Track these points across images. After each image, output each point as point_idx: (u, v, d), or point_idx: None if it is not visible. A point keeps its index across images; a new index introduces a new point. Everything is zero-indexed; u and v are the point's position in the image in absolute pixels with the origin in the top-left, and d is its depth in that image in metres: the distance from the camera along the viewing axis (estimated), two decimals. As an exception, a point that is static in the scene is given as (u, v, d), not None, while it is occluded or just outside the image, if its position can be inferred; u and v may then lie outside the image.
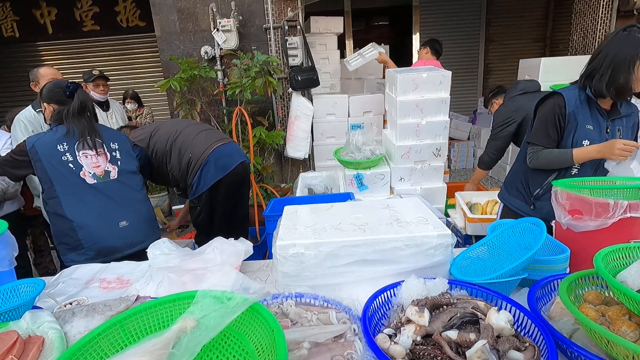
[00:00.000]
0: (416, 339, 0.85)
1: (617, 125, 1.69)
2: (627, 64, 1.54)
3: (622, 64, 1.55)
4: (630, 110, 1.71)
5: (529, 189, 1.89)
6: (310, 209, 1.44)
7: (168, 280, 1.26)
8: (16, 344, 0.87)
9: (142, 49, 5.89)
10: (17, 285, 1.19)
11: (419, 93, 2.62)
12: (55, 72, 2.61)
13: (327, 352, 0.87)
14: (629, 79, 1.55)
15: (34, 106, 2.48)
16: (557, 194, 1.27)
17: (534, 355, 0.78)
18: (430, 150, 2.71)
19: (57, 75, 2.58)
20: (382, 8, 6.97)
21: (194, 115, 3.69)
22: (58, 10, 5.61)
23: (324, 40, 4.47)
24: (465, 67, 6.92)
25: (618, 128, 1.68)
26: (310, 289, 1.13)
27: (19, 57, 5.88)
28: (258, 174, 3.86)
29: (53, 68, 2.69)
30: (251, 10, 4.01)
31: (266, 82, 3.48)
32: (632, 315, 0.83)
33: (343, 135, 3.98)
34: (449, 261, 1.18)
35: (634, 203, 1.11)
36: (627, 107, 1.71)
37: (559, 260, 1.16)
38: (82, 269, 1.57)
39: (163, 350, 0.77)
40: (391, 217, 1.29)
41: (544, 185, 1.80)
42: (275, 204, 2.39)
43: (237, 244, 1.34)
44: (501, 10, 6.69)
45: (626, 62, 1.54)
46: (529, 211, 1.88)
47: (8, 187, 2.42)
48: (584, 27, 4.39)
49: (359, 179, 2.71)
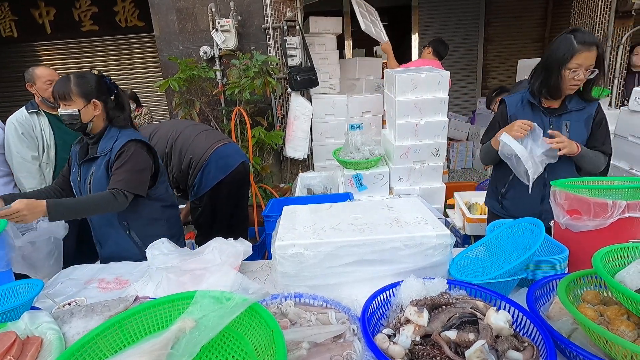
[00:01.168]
0: (415, 339, 0.85)
1: (565, 121, 1.73)
2: (557, 66, 1.61)
3: (553, 67, 1.62)
4: (582, 105, 1.73)
5: (496, 187, 1.97)
6: (309, 209, 1.44)
7: (167, 280, 1.26)
8: (14, 345, 0.86)
9: (141, 49, 5.88)
10: (15, 285, 1.19)
11: (418, 93, 2.63)
12: (52, 73, 2.54)
13: (326, 352, 0.87)
14: (558, 82, 1.63)
15: (27, 107, 2.44)
16: (555, 194, 1.28)
17: (533, 355, 0.78)
18: (429, 151, 2.71)
19: (54, 77, 2.52)
20: (382, 8, 6.93)
21: (193, 116, 3.69)
22: (56, 10, 5.59)
23: (323, 40, 4.47)
24: (464, 67, 6.92)
25: (565, 123, 1.73)
26: (310, 289, 1.13)
27: (17, 57, 5.86)
28: (257, 174, 3.85)
29: (50, 69, 2.60)
30: (250, 11, 4.01)
31: (265, 82, 3.48)
32: (630, 315, 0.83)
33: (342, 135, 3.98)
34: (448, 261, 1.19)
35: (633, 203, 1.11)
36: (578, 103, 1.73)
37: (558, 260, 1.16)
38: (81, 270, 1.56)
39: (162, 350, 0.77)
40: (390, 217, 1.29)
41: (507, 183, 1.88)
42: (275, 204, 2.39)
43: (236, 244, 1.34)
44: (500, 10, 6.70)
45: (556, 64, 1.61)
46: (500, 210, 1.95)
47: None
48: (582, 27, 4.40)
49: (358, 179, 2.71)
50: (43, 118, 2.45)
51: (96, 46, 5.87)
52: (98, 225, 1.79)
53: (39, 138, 2.43)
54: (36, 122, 2.43)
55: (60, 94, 1.62)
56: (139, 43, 5.84)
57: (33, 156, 2.42)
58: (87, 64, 5.78)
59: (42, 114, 2.45)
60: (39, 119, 2.44)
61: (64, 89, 1.62)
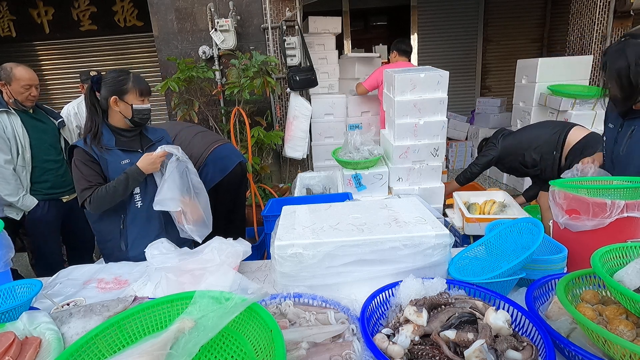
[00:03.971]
0: (414, 338, 0.85)
1: (634, 125, 1.68)
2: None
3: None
4: None
5: None
6: (308, 209, 1.44)
7: (166, 280, 1.26)
8: (13, 345, 0.86)
9: (140, 49, 5.86)
10: (14, 286, 1.18)
11: (417, 93, 2.63)
12: (32, 78, 2.28)
13: (325, 352, 0.87)
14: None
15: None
16: (554, 194, 1.28)
17: (532, 354, 0.78)
18: (428, 150, 2.72)
19: (33, 82, 2.28)
20: (381, 8, 6.97)
21: (192, 116, 3.68)
22: (55, 10, 5.58)
23: (322, 40, 4.47)
24: (463, 67, 6.93)
25: (632, 128, 1.68)
26: (309, 289, 1.13)
27: (15, 56, 5.83)
28: (256, 174, 3.85)
29: (31, 71, 2.31)
30: (249, 10, 4.01)
31: (264, 82, 3.48)
32: (629, 315, 0.83)
33: (341, 135, 3.98)
34: (447, 261, 1.19)
35: (631, 203, 1.11)
36: None
37: (557, 260, 1.16)
38: (80, 270, 1.56)
39: (161, 350, 0.77)
40: (389, 217, 1.29)
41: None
42: (274, 204, 2.39)
43: (235, 244, 1.34)
44: (499, 10, 6.71)
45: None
46: None
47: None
48: (581, 28, 4.41)
49: (357, 179, 2.71)
50: (15, 117, 2.25)
51: (95, 46, 5.86)
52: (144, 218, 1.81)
53: (12, 139, 2.22)
54: (7, 122, 2.22)
55: (147, 91, 1.79)
56: (138, 43, 5.82)
57: (6, 160, 2.21)
58: (86, 64, 5.76)
59: (13, 113, 2.25)
60: (10, 118, 2.24)
61: (148, 87, 1.80)
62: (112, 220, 1.76)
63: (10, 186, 2.23)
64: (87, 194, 1.65)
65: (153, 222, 1.81)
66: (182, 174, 1.76)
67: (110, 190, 1.66)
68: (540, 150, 2.66)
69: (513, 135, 2.84)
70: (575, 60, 3.96)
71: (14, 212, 2.32)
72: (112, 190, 1.66)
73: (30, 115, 2.35)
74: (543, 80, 3.87)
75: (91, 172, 1.68)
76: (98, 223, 1.79)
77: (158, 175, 1.77)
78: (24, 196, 2.29)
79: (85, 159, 1.67)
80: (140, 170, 1.70)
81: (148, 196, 1.77)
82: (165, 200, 1.68)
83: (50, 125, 2.47)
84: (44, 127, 2.42)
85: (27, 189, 2.33)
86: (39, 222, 2.39)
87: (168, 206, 1.69)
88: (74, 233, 2.66)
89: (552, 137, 2.64)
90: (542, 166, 2.68)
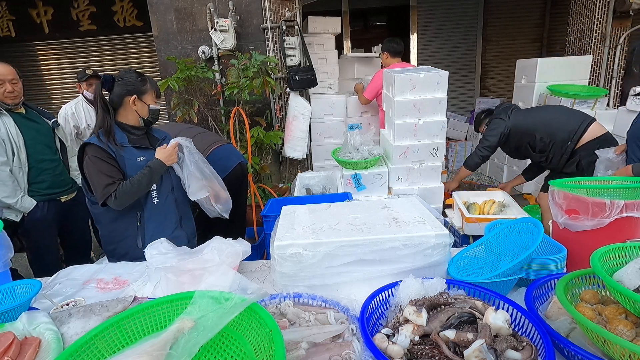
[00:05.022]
0: (414, 338, 0.85)
1: None
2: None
3: None
4: None
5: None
6: (308, 209, 1.44)
7: (166, 280, 1.26)
8: (12, 345, 0.86)
9: (139, 48, 5.86)
10: (13, 286, 1.18)
11: (417, 93, 2.63)
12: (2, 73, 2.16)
13: (325, 352, 0.87)
14: None
15: None
16: (554, 194, 1.28)
17: (532, 354, 0.78)
18: (427, 150, 2.72)
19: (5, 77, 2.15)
20: (380, 8, 6.97)
21: (191, 116, 3.68)
22: (54, 10, 5.57)
23: (321, 40, 4.47)
24: (463, 67, 6.93)
25: None
26: (308, 289, 1.13)
27: (15, 56, 5.83)
28: (256, 174, 3.85)
29: (8, 66, 2.20)
30: (249, 10, 4.01)
31: (264, 82, 3.47)
32: (628, 315, 0.83)
33: (341, 135, 3.99)
34: (446, 261, 1.19)
35: (630, 203, 1.12)
36: None
37: (556, 260, 1.16)
38: (79, 270, 1.56)
39: (161, 351, 0.77)
40: (389, 217, 1.29)
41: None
42: (273, 204, 2.39)
43: (235, 244, 1.33)
44: (498, 10, 6.71)
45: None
46: None
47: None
48: (580, 28, 4.41)
49: (356, 179, 2.71)
50: (7, 118, 2.20)
51: (94, 46, 5.85)
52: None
53: (6, 140, 2.17)
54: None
55: (159, 93, 1.85)
56: (137, 43, 5.82)
57: (2, 162, 2.16)
58: (85, 64, 5.75)
59: (4, 113, 2.19)
60: (2, 119, 2.18)
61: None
62: (129, 218, 1.76)
63: (8, 188, 2.20)
64: (112, 189, 1.64)
65: (169, 216, 1.84)
66: (197, 162, 1.87)
67: (135, 184, 1.67)
68: (553, 136, 2.54)
69: (525, 113, 2.72)
70: (575, 60, 3.97)
71: (13, 214, 2.31)
72: (137, 183, 1.67)
73: (23, 115, 2.31)
74: (542, 80, 3.88)
75: (111, 168, 1.66)
76: (113, 223, 1.77)
77: (175, 168, 1.86)
78: (22, 198, 2.27)
79: (103, 155, 1.66)
80: (162, 162, 1.75)
81: (163, 192, 1.80)
82: (197, 190, 1.83)
83: (43, 125, 2.42)
84: (37, 127, 2.38)
85: (25, 190, 2.30)
86: (38, 223, 2.38)
87: (202, 194, 1.84)
88: (71, 233, 2.65)
89: (570, 125, 2.51)
90: (550, 154, 2.58)
